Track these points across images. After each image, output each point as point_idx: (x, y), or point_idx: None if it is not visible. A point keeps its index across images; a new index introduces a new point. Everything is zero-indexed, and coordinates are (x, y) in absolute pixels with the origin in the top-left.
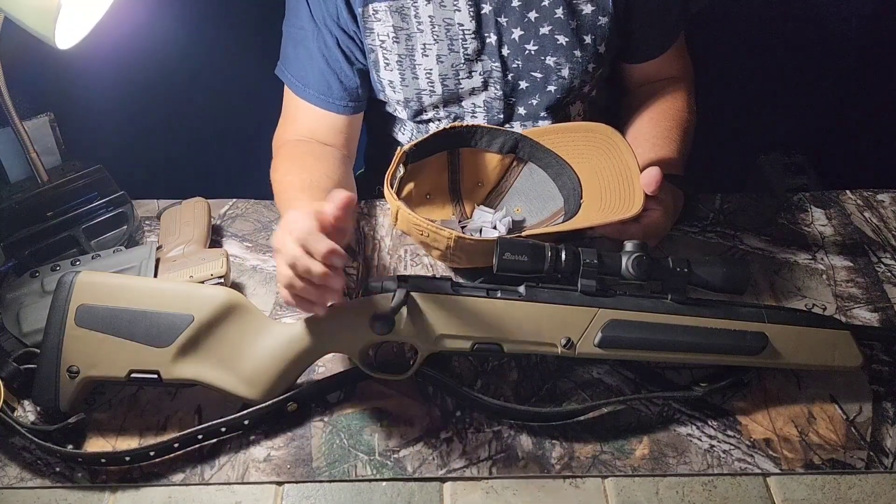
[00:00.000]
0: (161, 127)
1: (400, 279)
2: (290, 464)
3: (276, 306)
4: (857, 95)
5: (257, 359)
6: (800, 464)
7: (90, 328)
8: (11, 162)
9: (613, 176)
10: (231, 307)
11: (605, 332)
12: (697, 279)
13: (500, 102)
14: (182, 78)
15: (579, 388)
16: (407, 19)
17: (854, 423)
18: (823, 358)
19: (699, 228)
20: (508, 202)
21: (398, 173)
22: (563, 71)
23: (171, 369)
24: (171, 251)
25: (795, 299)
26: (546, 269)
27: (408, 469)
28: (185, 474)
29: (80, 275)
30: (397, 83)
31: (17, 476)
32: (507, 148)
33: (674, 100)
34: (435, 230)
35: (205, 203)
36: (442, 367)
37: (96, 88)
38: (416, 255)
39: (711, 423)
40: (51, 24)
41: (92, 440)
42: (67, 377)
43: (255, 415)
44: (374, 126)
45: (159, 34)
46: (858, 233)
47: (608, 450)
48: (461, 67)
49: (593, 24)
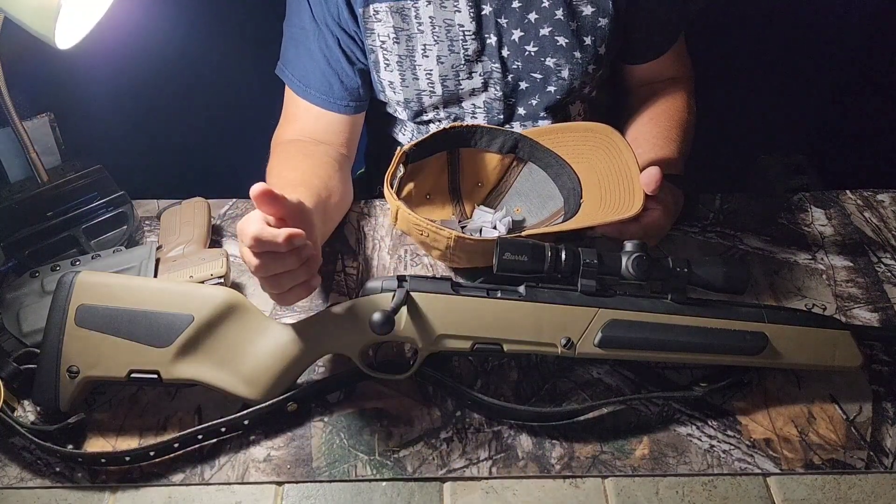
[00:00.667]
0: (161, 127)
1: (400, 279)
2: (290, 464)
3: (276, 306)
4: (856, 95)
5: (257, 359)
6: (800, 464)
7: (90, 328)
8: (11, 162)
9: (613, 176)
10: (231, 307)
11: (605, 332)
12: (697, 279)
13: (500, 103)
14: (182, 78)
15: (579, 388)
16: (407, 20)
17: (854, 423)
18: (823, 358)
19: (699, 228)
20: (508, 202)
21: (398, 173)
22: (563, 72)
23: (171, 369)
24: (171, 251)
25: (795, 299)
26: (546, 269)
27: (408, 469)
28: (185, 474)
29: (80, 275)
30: (397, 84)
31: (17, 476)
32: (507, 148)
33: (674, 100)
34: (435, 230)
35: (205, 203)
36: (442, 367)
37: (96, 88)
38: (416, 255)
39: (711, 423)
40: (51, 24)
41: (92, 440)
42: (67, 377)
43: (255, 415)
44: (374, 126)
45: (159, 34)
46: (858, 233)
47: (608, 450)
48: (461, 68)
49: (593, 25)
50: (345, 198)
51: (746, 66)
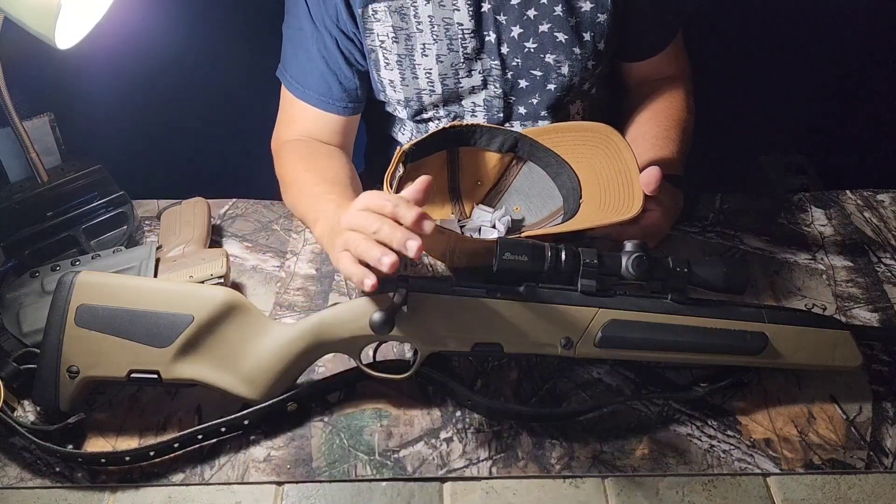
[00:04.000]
0: (161, 127)
1: (400, 279)
2: (290, 464)
3: (276, 306)
4: (856, 96)
5: (257, 359)
6: (800, 464)
7: (90, 328)
8: (11, 162)
9: (613, 176)
10: (231, 307)
11: (605, 332)
12: (697, 279)
13: (500, 101)
14: (182, 78)
15: (579, 388)
16: (406, 19)
17: (854, 423)
18: (823, 358)
19: (699, 228)
20: (507, 201)
21: (397, 173)
22: (563, 68)
23: (171, 369)
24: (171, 251)
25: (795, 299)
26: (546, 269)
27: (408, 469)
28: (185, 474)
29: (80, 275)
30: (397, 83)
31: (17, 476)
32: (507, 147)
33: (672, 99)
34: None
35: (205, 203)
36: (442, 367)
37: (96, 88)
38: None
39: (711, 423)
40: (51, 24)
41: (92, 440)
42: (67, 377)
43: (255, 415)
44: (374, 126)
45: (159, 34)
46: (858, 233)
47: (608, 450)
48: (461, 66)
49: (592, 21)
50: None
51: (746, 66)
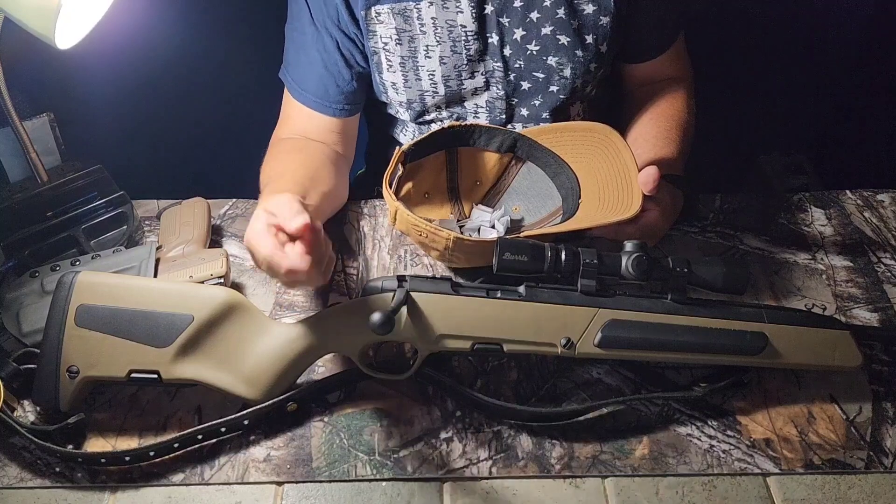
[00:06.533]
0: (161, 127)
1: (400, 279)
2: (289, 464)
3: (276, 306)
4: (856, 96)
5: (257, 359)
6: (800, 464)
7: (90, 328)
8: (11, 162)
9: (612, 176)
10: (231, 307)
11: (604, 332)
12: (697, 279)
13: (503, 102)
14: (182, 78)
15: (579, 388)
16: (410, 21)
17: (854, 423)
18: (823, 358)
19: (699, 228)
20: (507, 201)
21: (397, 173)
22: (566, 71)
23: (170, 369)
24: (171, 251)
25: (795, 299)
26: (546, 269)
27: (408, 469)
28: (185, 474)
29: (79, 275)
30: (400, 85)
31: (17, 476)
32: (506, 147)
33: (673, 100)
34: (433, 231)
35: (205, 203)
36: (442, 367)
37: (96, 88)
38: (416, 255)
39: (711, 423)
40: (51, 24)
41: (92, 440)
42: (67, 377)
43: (254, 415)
44: (374, 127)
45: (159, 34)
46: (858, 233)
47: (608, 450)
48: (463, 68)
49: (595, 23)
50: (336, 191)
51: (746, 66)
